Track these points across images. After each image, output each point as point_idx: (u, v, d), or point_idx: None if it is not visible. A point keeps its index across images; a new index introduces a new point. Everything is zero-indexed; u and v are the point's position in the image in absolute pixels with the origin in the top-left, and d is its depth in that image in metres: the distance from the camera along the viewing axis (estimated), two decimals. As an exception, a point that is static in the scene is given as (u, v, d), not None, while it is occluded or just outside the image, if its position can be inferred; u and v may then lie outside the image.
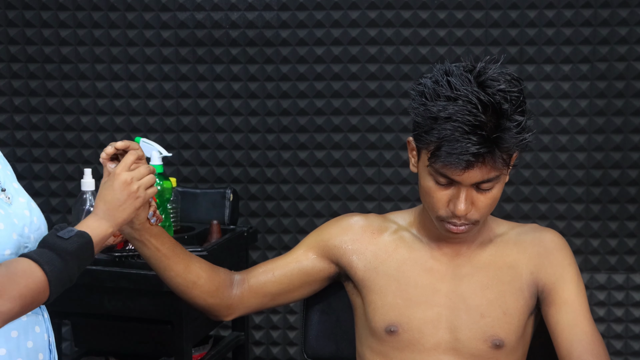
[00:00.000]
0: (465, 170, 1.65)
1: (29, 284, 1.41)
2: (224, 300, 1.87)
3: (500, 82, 1.69)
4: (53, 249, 1.47)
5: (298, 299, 1.93)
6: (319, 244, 1.90)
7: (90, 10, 2.95)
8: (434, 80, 1.71)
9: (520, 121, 1.67)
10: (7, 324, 1.43)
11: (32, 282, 1.42)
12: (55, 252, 1.46)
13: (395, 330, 1.80)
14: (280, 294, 1.90)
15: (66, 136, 3.01)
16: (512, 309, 1.79)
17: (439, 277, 1.82)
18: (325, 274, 1.90)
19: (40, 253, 1.45)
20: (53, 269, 1.44)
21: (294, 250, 1.91)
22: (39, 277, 1.43)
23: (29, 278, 1.42)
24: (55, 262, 1.45)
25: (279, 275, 1.89)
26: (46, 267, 1.44)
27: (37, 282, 1.42)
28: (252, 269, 1.90)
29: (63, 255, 1.47)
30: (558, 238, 1.86)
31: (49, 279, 1.44)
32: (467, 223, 1.72)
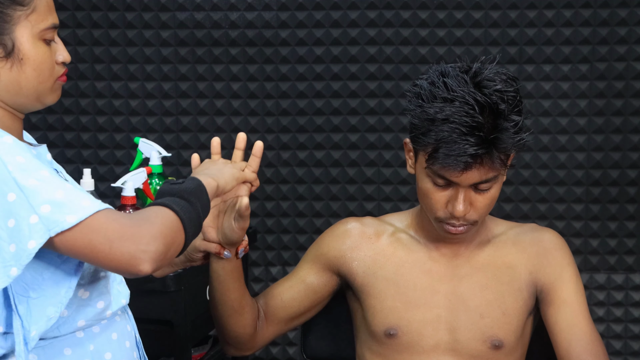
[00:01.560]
0: (463, 172, 1.65)
1: (165, 222, 1.38)
2: (255, 331, 1.85)
3: (497, 82, 1.68)
4: (172, 194, 1.45)
5: (309, 318, 1.92)
6: (319, 258, 1.89)
7: (90, 10, 2.95)
8: (430, 81, 1.71)
9: (517, 121, 1.67)
10: (104, 325, 1.44)
11: (167, 221, 1.39)
12: (176, 196, 1.44)
13: (395, 333, 1.80)
14: (292, 318, 1.88)
15: (65, 136, 3.01)
16: (511, 310, 1.79)
17: (438, 278, 1.82)
18: (330, 288, 1.89)
19: (162, 200, 1.43)
20: (182, 209, 1.42)
21: (297, 270, 1.90)
22: (172, 216, 1.40)
23: (163, 218, 1.39)
24: (180, 203, 1.43)
25: (289, 300, 1.87)
26: (175, 207, 1.41)
27: (171, 220, 1.39)
28: (263, 297, 1.88)
29: (185, 195, 1.45)
30: (557, 238, 1.86)
31: (180, 217, 1.41)
32: (466, 224, 1.72)
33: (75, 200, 1.32)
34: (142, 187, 2.26)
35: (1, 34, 1.40)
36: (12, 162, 1.33)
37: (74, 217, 1.31)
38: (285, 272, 3.01)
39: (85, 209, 1.32)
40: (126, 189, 2.19)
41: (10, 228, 1.31)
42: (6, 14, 1.40)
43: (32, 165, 1.34)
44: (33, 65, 1.43)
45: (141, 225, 1.35)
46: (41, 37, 1.43)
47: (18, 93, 1.43)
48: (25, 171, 1.32)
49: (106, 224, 1.33)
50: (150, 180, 2.32)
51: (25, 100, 1.45)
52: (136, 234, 1.34)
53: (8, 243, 1.31)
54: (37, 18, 1.43)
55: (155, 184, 2.33)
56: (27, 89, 1.44)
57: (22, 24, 1.41)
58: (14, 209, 1.31)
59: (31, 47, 1.42)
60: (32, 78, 1.43)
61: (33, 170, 1.33)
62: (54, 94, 1.48)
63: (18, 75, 1.42)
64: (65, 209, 1.31)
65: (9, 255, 1.31)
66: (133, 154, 2.92)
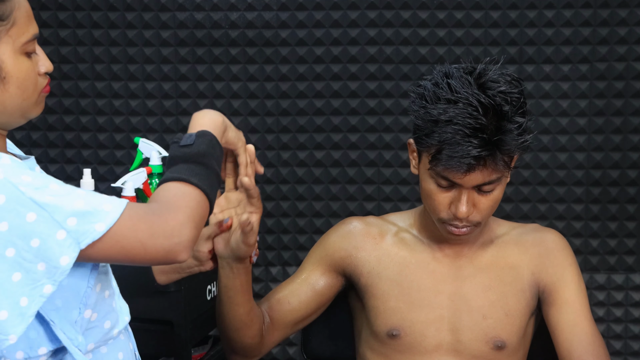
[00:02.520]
0: (466, 173, 1.65)
1: (189, 203, 1.36)
2: (261, 339, 1.84)
3: (501, 83, 1.68)
4: (187, 160, 1.41)
5: (313, 320, 1.91)
6: (324, 259, 1.88)
7: (90, 10, 2.95)
8: (434, 82, 1.70)
9: (521, 123, 1.66)
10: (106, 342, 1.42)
11: (191, 200, 1.36)
12: (192, 162, 1.40)
13: (398, 334, 1.79)
14: (298, 322, 1.87)
15: (65, 136, 3.01)
16: (514, 310, 1.79)
17: (441, 279, 1.81)
18: (335, 289, 1.88)
19: (179, 170, 1.39)
20: (201, 179, 1.39)
21: (301, 272, 1.88)
22: (194, 194, 1.37)
23: (186, 198, 1.36)
24: (197, 171, 1.39)
25: (296, 303, 1.85)
26: (194, 180, 1.38)
27: (194, 199, 1.37)
28: (267, 302, 1.87)
29: (200, 160, 1.41)
30: (559, 238, 1.86)
31: (202, 189, 1.38)
32: (469, 225, 1.72)
33: (97, 207, 1.30)
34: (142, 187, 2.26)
35: None
36: (22, 183, 1.29)
37: (103, 225, 1.29)
38: (285, 272, 3.01)
39: (110, 213, 1.30)
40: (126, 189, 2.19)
41: (34, 248, 1.28)
42: None
43: (40, 181, 1.31)
44: (17, 83, 1.36)
45: (168, 216, 1.33)
46: (23, 51, 1.36)
47: (2, 112, 1.37)
48: (38, 189, 1.29)
49: (134, 227, 1.31)
50: (150, 180, 2.32)
51: (10, 119, 1.39)
52: (166, 228, 1.32)
53: (35, 263, 1.28)
54: (18, 31, 1.35)
55: (155, 184, 2.33)
56: (12, 107, 1.37)
57: (3, 41, 1.34)
58: (36, 228, 1.27)
59: (14, 64, 1.35)
60: (16, 96, 1.36)
61: (43, 186, 1.30)
62: (38, 107, 1.41)
63: (1, 95, 1.35)
64: (92, 218, 1.29)
65: (39, 274, 1.29)
66: (133, 154, 2.92)
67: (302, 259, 2.99)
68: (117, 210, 1.30)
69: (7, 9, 1.34)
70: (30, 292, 1.29)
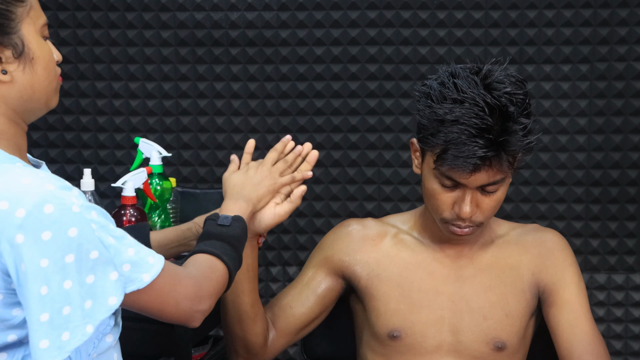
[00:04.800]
0: (471, 174, 1.65)
1: (218, 278, 1.46)
2: (265, 342, 1.84)
3: (506, 84, 1.68)
4: (222, 239, 1.51)
5: (317, 325, 1.91)
6: (323, 262, 1.88)
7: (90, 10, 2.95)
8: (440, 82, 1.70)
9: (526, 124, 1.67)
10: None
11: (219, 276, 1.47)
12: (225, 242, 1.50)
13: (398, 335, 1.79)
14: (302, 327, 1.88)
15: (65, 136, 3.01)
16: (514, 311, 1.79)
17: (442, 280, 1.81)
18: (337, 292, 1.88)
19: (214, 245, 1.49)
20: (230, 259, 1.49)
21: (302, 277, 1.88)
22: (222, 270, 1.48)
23: (216, 272, 1.47)
24: (229, 252, 1.49)
25: (298, 309, 1.86)
26: (225, 259, 1.48)
27: (222, 275, 1.47)
28: (270, 310, 1.87)
29: (233, 242, 1.51)
30: (559, 238, 1.86)
31: (228, 269, 1.48)
32: (472, 225, 1.72)
33: (144, 258, 1.37)
34: (142, 187, 2.25)
35: (9, 33, 1.36)
36: (93, 219, 1.32)
37: (148, 276, 1.36)
38: (285, 272, 3.01)
39: (153, 267, 1.37)
40: (126, 189, 2.19)
41: (89, 284, 1.30)
42: (10, 11, 1.36)
43: (102, 220, 1.35)
44: (43, 64, 1.40)
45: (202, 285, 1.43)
46: (41, 34, 1.41)
47: (31, 98, 1.40)
48: (103, 229, 1.33)
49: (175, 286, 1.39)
50: (151, 180, 2.32)
51: (36, 105, 1.41)
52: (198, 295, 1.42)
53: (85, 299, 1.30)
54: (35, 14, 1.40)
55: (155, 184, 2.33)
56: (39, 91, 1.40)
57: (26, 21, 1.38)
58: (96, 266, 1.30)
59: (39, 46, 1.39)
60: (43, 78, 1.40)
61: (107, 226, 1.35)
62: (56, 96, 1.45)
63: (31, 77, 1.38)
64: (141, 268, 1.36)
65: (86, 312, 1.30)
66: (133, 154, 2.92)
67: (302, 259, 3.00)
68: (159, 264, 1.38)
69: None
70: (74, 329, 1.30)
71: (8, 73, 1.36)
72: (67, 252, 1.28)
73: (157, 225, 2.33)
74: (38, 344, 1.28)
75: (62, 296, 1.28)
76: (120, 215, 2.18)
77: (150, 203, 2.31)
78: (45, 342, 1.28)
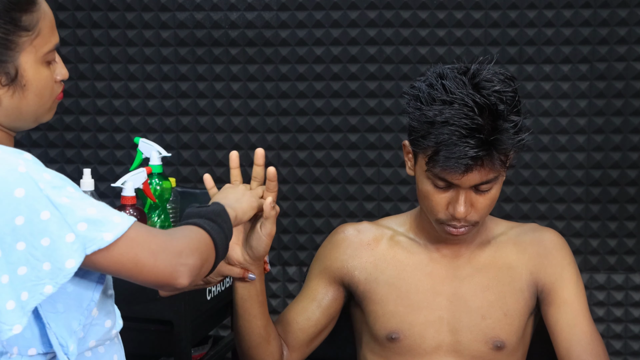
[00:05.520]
0: (464, 174, 1.64)
1: (199, 238, 1.41)
2: (281, 358, 1.85)
3: (495, 82, 1.68)
4: (200, 216, 1.47)
5: (328, 333, 1.91)
6: (323, 273, 1.87)
7: (90, 10, 2.95)
8: (428, 83, 1.70)
9: (516, 121, 1.66)
10: None
11: (201, 237, 1.42)
12: (204, 217, 1.46)
13: (397, 337, 1.79)
14: (312, 339, 1.87)
15: (65, 136, 3.01)
16: (513, 310, 1.79)
17: (440, 280, 1.81)
18: (340, 300, 1.88)
19: (193, 220, 1.46)
20: (212, 228, 1.45)
21: (306, 289, 1.88)
22: (204, 235, 1.43)
23: (197, 234, 1.42)
24: (210, 224, 1.45)
25: (305, 323, 1.85)
26: (206, 227, 1.44)
27: (204, 238, 1.43)
28: (279, 325, 1.87)
29: (213, 217, 1.47)
30: (557, 238, 1.86)
31: (212, 236, 1.44)
32: (467, 225, 1.72)
33: (108, 217, 1.32)
34: (142, 187, 2.25)
35: (4, 62, 1.34)
36: (42, 180, 1.31)
37: (110, 234, 1.31)
38: (285, 272, 3.01)
39: (119, 225, 1.32)
40: (126, 189, 2.19)
41: (44, 247, 1.29)
42: (11, 40, 1.34)
43: (58, 182, 1.33)
44: (35, 91, 1.38)
45: (179, 239, 1.37)
46: (44, 60, 1.38)
47: (18, 118, 1.40)
48: (56, 188, 1.31)
49: (149, 238, 1.34)
50: (150, 180, 2.32)
51: (23, 123, 1.42)
52: (176, 247, 1.36)
53: (42, 262, 1.29)
54: (41, 42, 1.37)
55: (155, 184, 2.33)
56: (27, 113, 1.40)
57: (27, 50, 1.36)
58: (48, 227, 1.29)
59: (34, 73, 1.37)
60: (33, 103, 1.39)
61: (61, 187, 1.32)
62: (50, 113, 1.44)
63: (19, 101, 1.38)
64: (102, 227, 1.31)
65: (43, 273, 1.29)
66: (133, 154, 2.92)
67: (301, 258, 3.00)
68: (126, 223, 1.33)
69: (33, 19, 1.36)
70: (32, 288, 1.30)
71: None
72: (15, 213, 1.28)
73: (157, 225, 2.33)
74: (5, 306, 1.29)
75: (16, 257, 1.29)
76: (119, 215, 2.18)
77: (150, 203, 2.31)
78: (11, 303, 1.29)
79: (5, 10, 1.33)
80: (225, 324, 2.90)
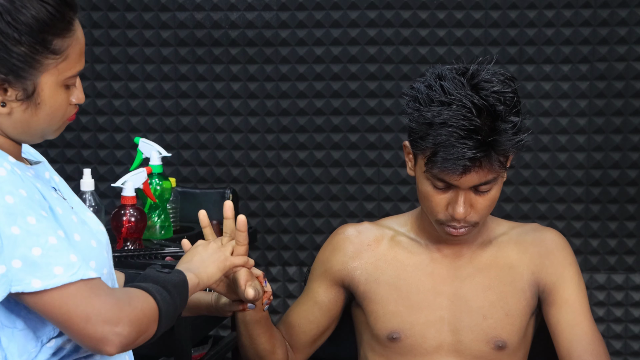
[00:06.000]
0: (462, 175, 1.64)
1: (144, 308, 1.35)
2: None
3: (494, 83, 1.67)
4: (157, 282, 1.42)
5: (331, 333, 1.91)
6: (325, 274, 1.87)
7: (90, 10, 2.95)
8: (427, 84, 1.69)
9: (515, 122, 1.66)
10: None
11: (147, 307, 1.36)
12: (160, 285, 1.41)
13: (398, 337, 1.79)
14: (315, 340, 1.88)
15: (65, 136, 3.01)
16: (514, 310, 1.79)
17: (441, 280, 1.81)
18: (341, 302, 1.88)
19: (148, 285, 1.41)
20: (163, 300, 1.39)
21: (307, 291, 1.88)
22: (152, 304, 1.37)
23: (144, 303, 1.36)
24: (162, 294, 1.40)
25: (307, 325, 1.86)
26: (157, 296, 1.39)
27: (150, 308, 1.37)
28: (282, 327, 1.87)
29: (168, 287, 1.42)
30: (559, 237, 1.85)
31: (159, 307, 1.38)
32: (467, 225, 1.72)
33: (50, 264, 1.28)
34: (142, 187, 2.25)
35: (24, 78, 1.33)
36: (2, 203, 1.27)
37: (39, 283, 1.27)
38: (285, 272, 3.01)
39: (56, 277, 1.27)
40: (126, 189, 2.19)
41: None
42: (37, 60, 1.33)
43: (20, 208, 1.28)
44: (48, 111, 1.37)
45: (122, 307, 1.32)
46: (64, 84, 1.38)
47: (24, 132, 1.38)
48: (10, 215, 1.27)
49: (89, 300, 1.29)
50: (151, 180, 2.32)
51: (29, 138, 1.40)
52: (115, 316, 1.31)
53: None
54: (66, 66, 1.36)
55: (155, 184, 2.33)
56: (35, 130, 1.38)
57: (50, 72, 1.35)
58: None
59: (52, 95, 1.36)
60: (42, 121, 1.37)
61: (19, 214, 1.28)
62: (58, 132, 1.43)
63: (30, 117, 1.36)
64: (36, 272, 1.27)
65: None
66: (133, 154, 2.92)
67: (301, 258, 3.00)
68: (65, 278, 1.28)
69: (64, 44, 1.36)
70: None
71: (7, 105, 1.35)
72: None
73: (157, 225, 2.33)
74: None
75: None
76: (120, 215, 2.18)
77: (150, 203, 2.31)
78: None
79: (39, 31, 1.33)
80: (225, 324, 2.90)
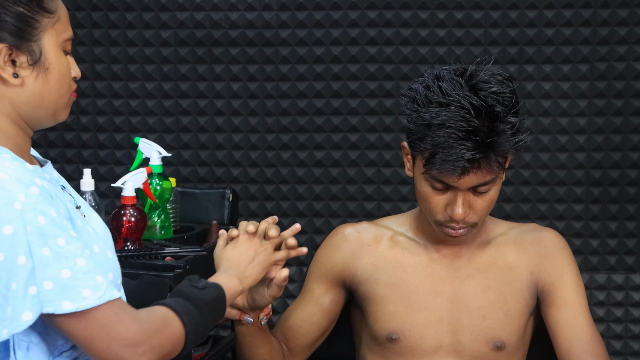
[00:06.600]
0: (461, 176, 1.64)
1: (168, 334, 1.36)
2: None
3: (492, 83, 1.67)
4: (189, 300, 1.42)
5: (328, 335, 1.91)
6: (325, 275, 1.87)
7: (90, 10, 2.95)
8: (425, 85, 1.69)
9: (514, 123, 1.66)
10: None
11: (171, 332, 1.37)
12: (192, 303, 1.42)
13: (397, 337, 1.79)
14: (314, 342, 1.88)
15: (65, 136, 3.01)
16: (513, 310, 1.79)
17: (440, 281, 1.81)
18: (341, 302, 1.88)
19: (178, 303, 1.41)
20: (190, 321, 1.40)
21: (306, 292, 1.88)
22: (178, 328, 1.38)
23: (168, 327, 1.37)
24: (192, 314, 1.40)
25: (307, 327, 1.86)
26: (185, 318, 1.39)
27: (175, 332, 1.38)
28: (280, 330, 1.87)
29: (200, 306, 1.42)
30: (558, 238, 1.86)
31: (186, 330, 1.39)
32: (466, 226, 1.72)
33: (79, 286, 1.29)
34: (142, 187, 2.25)
35: (29, 40, 1.36)
36: (33, 223, 1.28)
37: (70, 305, 1.29)
38: (285, 272, 3.01)
39: (85, 299, 1.29)
40: (126, 189, 2.19)
41: (12, 290, 1.28)
42: (35, 19, 1.36)
43: (51, 229, 1.30)
44: (57, 76, 1.39)
45: (145, 330, 1.33)
46: (63, 48, 1.41)
47: (39, 106, 1.39)
48: (42, 236, 1.28)
49: (113, 324, 1.31)
50: (151, 180, 2.32)
51: (43, 114, 1.41)
52: (137, 340, 1.33)
53: (7, 304, 1.28)
54: (61, 27, 1.40)
55: (155, 184, 2.33)
56: (49, 101, 1.39)
57: (49, 32, 1.38)
58: (19, 273, 1.27)
59: (56, 57, 1.39)
60: (54, 90, 1.39)
61: (50, 236, 1.29)
62: (67, 110, 1.44)
63: (42, 86, 1.38)
64: (66, 294, 1.29)
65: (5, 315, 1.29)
66: (133, 154, 2.92)
67: (302, 259, 3.00)
68: (94, 301, 1.30)
69: (54, 4, 1.40)
70: None
71: (19, 77, 1.37)
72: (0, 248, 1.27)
73: (157, 225, 2.33)
74: None
75: None
76: (120, 216, 2.18)
77: (150, 203, 2.31)
78: None
79: None
80: (225, 324, 2.90)
